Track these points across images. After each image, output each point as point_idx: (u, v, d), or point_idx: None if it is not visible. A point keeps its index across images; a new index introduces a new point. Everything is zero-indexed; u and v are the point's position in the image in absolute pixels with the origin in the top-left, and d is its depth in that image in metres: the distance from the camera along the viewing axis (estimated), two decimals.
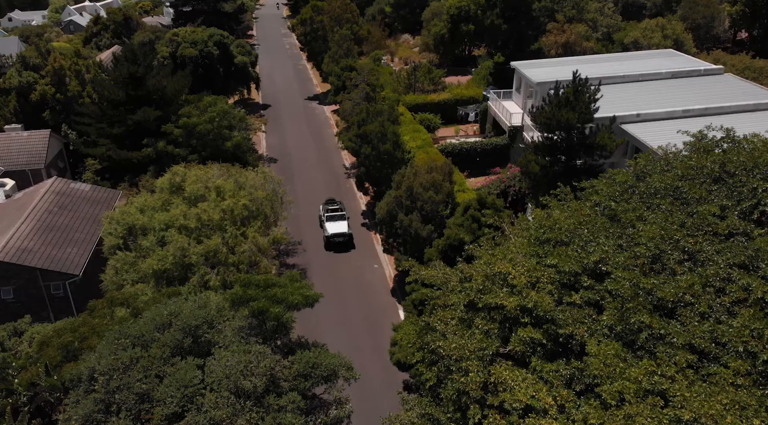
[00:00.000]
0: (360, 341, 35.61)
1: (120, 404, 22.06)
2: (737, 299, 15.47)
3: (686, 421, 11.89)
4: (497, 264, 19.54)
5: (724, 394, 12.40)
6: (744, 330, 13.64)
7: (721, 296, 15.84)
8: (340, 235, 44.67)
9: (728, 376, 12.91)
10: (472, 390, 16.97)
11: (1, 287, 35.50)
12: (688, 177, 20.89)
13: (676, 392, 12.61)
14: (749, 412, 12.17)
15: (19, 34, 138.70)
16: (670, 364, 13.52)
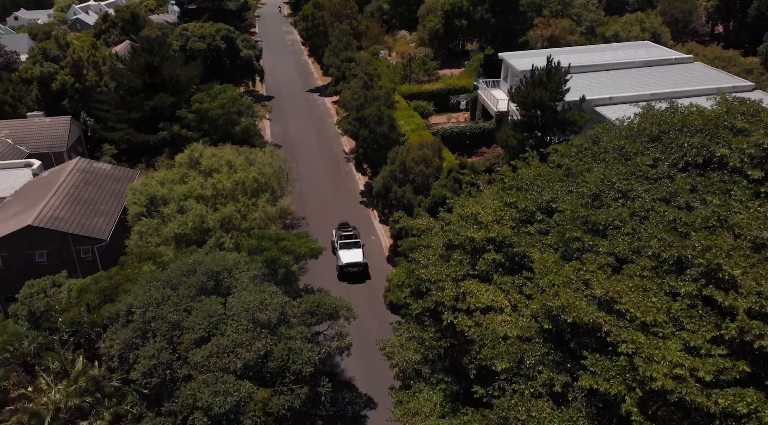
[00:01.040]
0: (359, 302, 39.63)
1: (155, 331, 26.18)
2: (656, 223, 19.59)
3: (599, 296, 15.95)
4: (470, 207, 23.68)
5: (631, 281, 16.49)
6: (652, 239, 17.73)
7: (644, 222, 19.97)
8: (355, 265, 41.29)
9: (637, 270, 17.00)
10: (447, 301, 21.07)
11: (36, 251, 39.55)
12: (631, 137, 25.03)
13: (594, 280, 16.68)
14: (650, 293, 16.26)
15: (28, 32, 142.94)
16: (594, 264, 17.61)
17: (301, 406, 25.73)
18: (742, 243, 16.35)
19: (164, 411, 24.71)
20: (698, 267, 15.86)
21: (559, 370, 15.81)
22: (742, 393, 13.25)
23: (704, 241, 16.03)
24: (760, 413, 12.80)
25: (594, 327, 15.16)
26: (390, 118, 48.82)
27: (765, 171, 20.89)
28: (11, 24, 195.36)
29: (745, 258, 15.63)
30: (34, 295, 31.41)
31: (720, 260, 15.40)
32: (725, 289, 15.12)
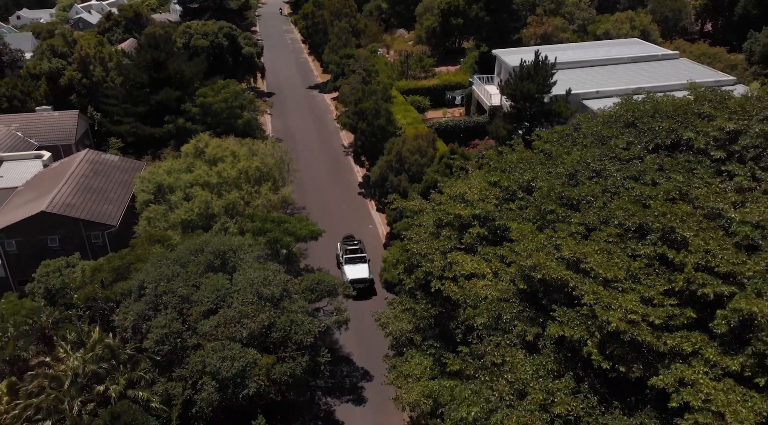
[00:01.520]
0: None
1: (166, 304, 28.15)
2: (625, 198, 21.55)
3: (567, 258, 17.90)
4: (458, 188, 25.69)
5: (597, 245, 18.45)
6: (618, 209, 19.69)
7: (614, 197, 21.94)
8: (361, 281, 39.45)
9: (603, 236, 18.96)
10: (436, 271, 23.04)
11: (48, 236, 41.44)
12: (608, 123, 27.02)
13: (564, 245, 18.63)
14: (613, 255, 18.22)
15: (31, 30, 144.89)
16: (565, 232, 19.57)
17: (302, 374, 27.69)
18: (697, 211, 18.31)
19: (175, 377, 26.66)
20: (656, 232, 17.81)
21: (532, 324, 17.75)
22: (688, 335, 15.17)
23: (661, 208, 17.98)
24: (703, 351, 14.72)
25: (562, 284, 17.09)
26: (387, 112, 50.78)
27: (727, 151, 22.88)
28: (14, 23, 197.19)
29: (697, 223, 17.58)
30: (50, 274, 33.39)
31: (674, 224, 17.36)
32: (677, 249, 17.08)
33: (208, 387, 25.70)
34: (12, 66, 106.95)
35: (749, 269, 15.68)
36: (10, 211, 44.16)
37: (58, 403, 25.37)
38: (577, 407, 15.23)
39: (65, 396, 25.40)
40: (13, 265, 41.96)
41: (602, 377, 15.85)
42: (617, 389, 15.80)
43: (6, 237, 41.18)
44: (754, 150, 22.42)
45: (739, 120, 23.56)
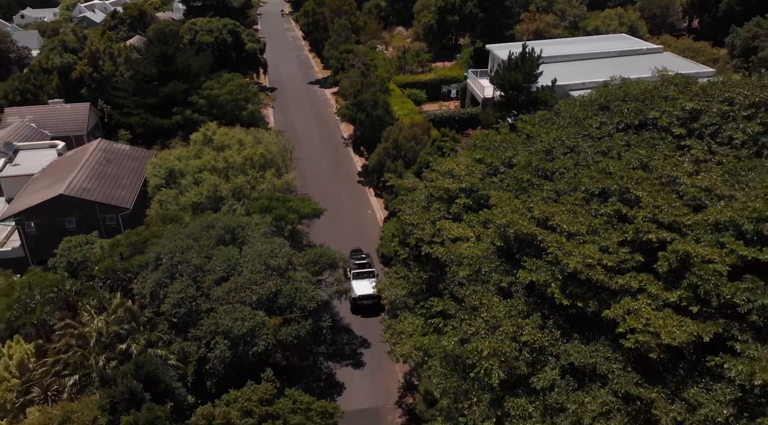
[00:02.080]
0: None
1: (181, 272, 30.80)
2: (593, 169, 24.16)
3: (537, 217, 20.51)
4: (446, 165, 28.32)
5: (564, 207, 21.07)
6: (585, 177, 22.31)
7: (584, 169, 24.54)
8: (368, 298, 37.99)
9: (570, 200, 21.58)
10: (426, 237, 25.64)
11: (66, 218, 44.05)
12: (584, 106, 29.64)
13: (535, 206, 21.24)
14: (579, 216, 20.82)
15: (37, 29, 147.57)
16: (537, 197, 22.20)
17: (306, 335, 30.33)
18: (651, 176, 20.94)
19: (190, 337, 29.27)
20: (615, 194, 20.43)
21: (507, 275, 20.34)
22: (636, 275, 17.72)
23: (619, 173, 20.60)
24: (647, 287, 17.27)
25: (531, 238, 19.66)
26: (385, 103, 53.40)
27: (687, 129, 25.52)
28: (17, 22, 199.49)
29: (650, 186, 20.19)
30: (72, 249, 36.02)
31: (629, 185, 19.96)
32: (631, 206, 19.69)
33: (221, 345, 28.31)
34: (19, 63, 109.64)
35: (689, 220, 18.26)
36: (28, 195, 46.78)
37: (84, 360, 28.02)
38: (542, 338, 17.78)
39: (90, 353, 28.04)
40: (33, 246, 44.58)
41: (564, 314, 18.41)
42: (577, 324, 18.36)
43: (26, 219, 43.83)
44: (711, 127, 25.06)
45: (700, 101, 26.22)
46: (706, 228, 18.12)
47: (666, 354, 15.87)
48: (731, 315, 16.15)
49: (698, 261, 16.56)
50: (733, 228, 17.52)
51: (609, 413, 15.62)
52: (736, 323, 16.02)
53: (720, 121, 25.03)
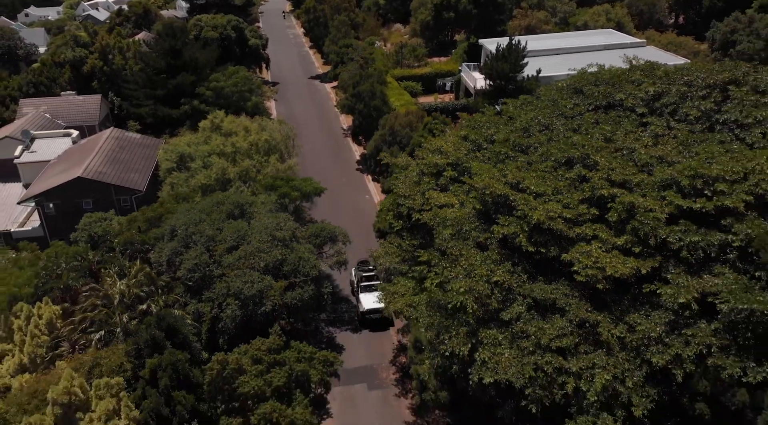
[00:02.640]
0: (355, 244, 47.21)
1: (195, 241, 33.84)
2: (562, 142, 27.21)
3: (510, 181, 23.55)
4: (436, 143, 31.37)
5: (536, 173, 24.10)
6: (554, 149, 25.35)
7: (556, 143, 27.56)
8: (377, 312, 37.01)
9: (541, 168, 24.62)
10: (416, 206, 28.66)
11: (83, 199, 47.06)
12: (561, 90, 32.69)
13: (509, 172, 24.28)
14: (546, 180, 23.84)
15: (42, 26, 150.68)
16: (512, 166, 25.24)
17: (308, 299, 33.37)
18: (610, 146, 23.99)
19: (204, 299, 32.28)
20: (579, 161, 23.47)
21: (484, 232, 23.37)
22: (591, 225, 20.71)
23: (581, 142, 23.64)
24: (600, 234, 20.26)
25: (504, 199, 22.68)
26: (382, 94, 56.46)
27: (650, 108, 28.57)
28: (22, 21, 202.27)
29: (608, 153, 23.24)
30: (92, 224, 39.06)
31: (589, 152, 22.99)
32: (591, 170, 22.72)
33: (232, 305, 31.35)
34: (26, 59, 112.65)
35: (637, 179, 21.26)
36: (46, 179, 49.82)
37: (108, 318, 31.08)
38: (511, 280, 20.74)
39: (114, 312, 31.10)
40: (51, 226, 47.59)
41: (531, 261, 21.40)
42: (541, 268, 21.33)
43: (45, 200, 46.88)
44: (671, 106, 28.10)
45: (662, 84, 29.29)
46: (653, 186, 21.15)
47: (612, 285, 18.87)
48: (667, 253, 19.15)
49: (641, 210, 19.56)
50: (675, 185, 20.54)
51: (563, 335, 18.60)
52: (670, 259, 19.02)
53: (678, 100, 28.07)
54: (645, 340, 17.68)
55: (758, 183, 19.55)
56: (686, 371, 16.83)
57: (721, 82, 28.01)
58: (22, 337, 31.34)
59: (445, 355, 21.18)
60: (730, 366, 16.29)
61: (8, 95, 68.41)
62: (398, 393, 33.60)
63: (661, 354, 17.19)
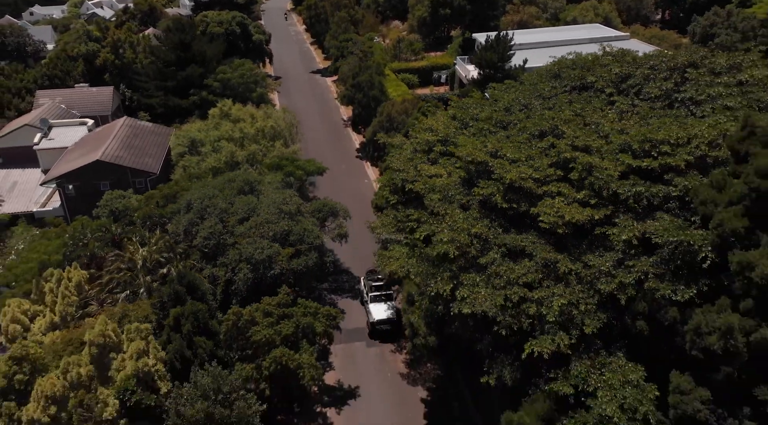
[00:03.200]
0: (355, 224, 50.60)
1: (210, 213, 37.23)
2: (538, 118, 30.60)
3: (490, 150, 26.93)
4: (428, 122, 34.77)
5: (513, 143, 27.50)
6: (530, 123, 28.74)
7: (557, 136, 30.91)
8: (387, 322, 37.39)
9: (518, 139, 28.00)
10: (409, 177, 32.00)
11: (101, 181, 50.44)
12: (541, 75, 36.09)
13: (489, 143, 27.68)
14: (521, 148, 27.22)
15: (48, 24, 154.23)
16: (494, 139, 28.63)
17: (313, 266, 36.73)
18: (577, 118, 27.41)
19: (218, 264, 35.65)
20: (549, 132, 26.88)
21: (467, 195, 26.77)
22: (557, 184, 24.09)
23: (550, 114, 27.07)
24: (563, 191, 23.63)
25: (484, 165, 26.08)
26: (380, 84, 59.88)
27: (617, 89, 31.96)
28: (27, 19, 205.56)
29: (575, 125, 26.63)
30: (113, 200, 42.48)
31: (558, 123, 26.39)
32: (558, 138, 26.13)
33: (244, 269, 34.70)
34: (35, 56, 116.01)
35: (597, 144, 24.67)
36: (65, 163, 53.27)
37: (132, 279, 34.51)
38: (488, 232, 24.10)
39: (138, 274, 34.53)
40: (71, 206, 50.99)
41: (505, 216, 24.79)
42: (514, 222, 24.69)
43: (66, 182, 50.33)
44: (636, 87, 31.49)
45: (629, 67, 32.69)
46: (610, 150, 24.57)
47: (571, 230, 22.23)
48: (618, 204, 22.54)
49: (598, 168, 22.94)
50: (628, 148, 23.93)
51: (529, 273, 21.95)
52: (620, 208, 22.38)
53: (643, 82, 31.44)
54: (597, 274, 21.01)
55: (698, 146, 22.91)
56: (628, 295, 20.16)
57: (681, 65, 31.40)
58: (53, 298, 34.71)
59: (431, 296, 24.60)
60: (662, 288, 19.59)
61: (24, 87, 71.90)
62: (393, 349, 37.11)
63: (608, 283, 20.52)
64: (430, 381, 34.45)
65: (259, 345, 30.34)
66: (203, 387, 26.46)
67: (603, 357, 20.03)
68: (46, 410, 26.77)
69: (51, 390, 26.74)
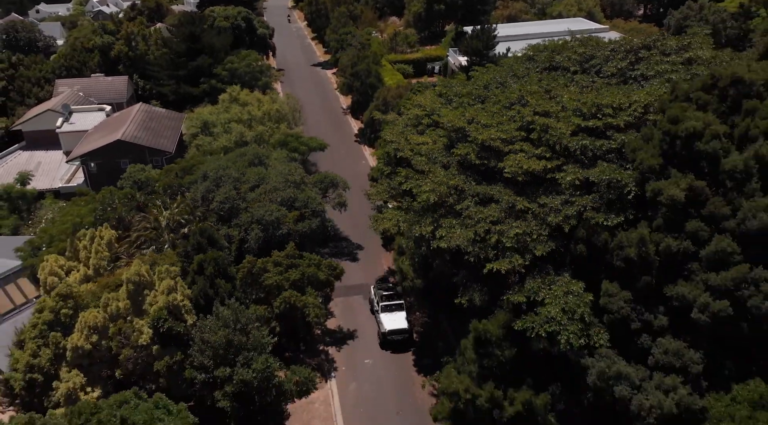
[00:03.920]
0: (353, 199, 55.32)
1: (224, 182, 41.96)
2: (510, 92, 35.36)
3: (468, 117, 31.67)
4: (417, 99, 39.54)
5: (488, 112, 32.25)
6: (502, 96, 33.50)
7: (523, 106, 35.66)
8: (399, 332, 36.81)
9: (492, 110, 32.75)
10: (400, 146, 36.78)
11: (121, 159, 55.19)
12: (518, 59, 40.86)
13: (467, 112, 32.42)
14: (493, 117, 31.95)
15: (55, 21, 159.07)
16: (472, 110, 33.38)
17: (316, 228, 41.46)
18: (541, 91, 32.19)
19: (233, 225, 40.37)
20: (517, 103, 31.66)
21: (447, 157, 31.54)
22: (520, 143, 28.79)
23: (517, 87, 31.86)
24: (525, 148, 28.37)
25: (462, 130, 30.82)
26: (377, 73, 64.62)
27: (581, 68, 36.72)
28: (33, 17, 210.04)
29: (539, 96, 31.41)
30: (136, 172, 47.23)
31: (524, 94, 31.15)
32: (524, 106, 30.92)
33: (255, 229, 39.43)
34: (46, 51, 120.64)
35: (554, 110, 29.43)
36: (88, 143, 58.02)
37: (157, 237, 39.26)
38: (464, 184, 28.84)
39: (162, 233, 39.27)
40: (94, 182, 55.73)
41: (478, 172, 29.56)
42: (485, 176, 29.46)
43: (90, 159, 55.09)
44: (597, 66, 36.27)
45: (592, 50, 37.47)
46: (566, 115, 29.36)
47: (529, 178, 26.99)
48: (568, 157, 27.30)
49: (553, 128, 27.73)
50: (579, 112, 28.71)
51: (495, 213, 26.70)
52: (570, 160, 27.13)
53: (603, 62, 36.23)
54: (548, 211, 25.70)
55: (636, 109, 27.69)
56: (571, 225, 24.83)
57: (637, 47, 36.21)
58: (87, 255, 39.40)
59: (416, 238, 29.37)
60: (597, 217, 24.22)
61: (42, 77, 76.60)
62: None
63: (556, 216, 25.21)
64: (419, 326, 39.21)
65: (271, 289, 35.09)
66: (224, 318, 31.22)
67: (552, 276, 24.74)
68: (89, 338, 31.54)
69: (93, 321, 31.51)
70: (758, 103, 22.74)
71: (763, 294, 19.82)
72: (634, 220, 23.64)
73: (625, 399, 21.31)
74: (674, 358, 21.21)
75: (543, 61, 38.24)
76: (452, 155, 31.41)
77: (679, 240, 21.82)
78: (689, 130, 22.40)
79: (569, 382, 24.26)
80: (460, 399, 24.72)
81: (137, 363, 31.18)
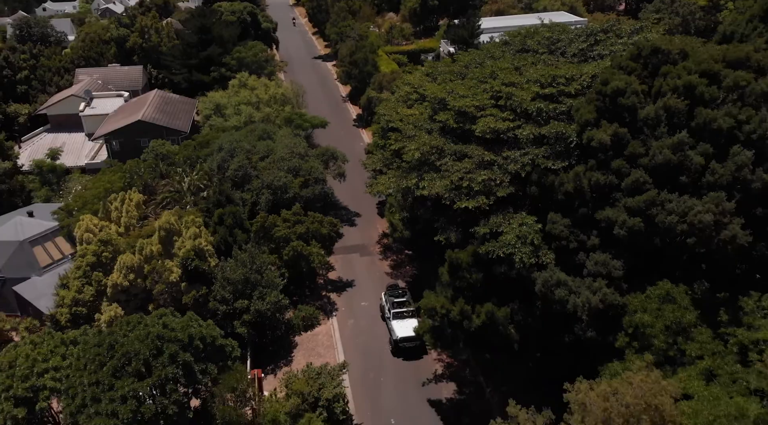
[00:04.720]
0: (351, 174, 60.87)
1: (237, 153, 47.64)
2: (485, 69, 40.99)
3: (447, 89, 37.33)
4: (406, 78, 45.23)
5: (465, 85, 37.91)
6: (478, 72, 39.17)
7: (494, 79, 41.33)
8: (411, 340, 36.05)
9: (469, 84, 38.39)
10: (392, 118, 42.44)
11: (141, 138, 60.87)
12: (496, 44, 46.54)
13: (447, 86, 38.09)
14: (470, 89, 37.62)
15: (65, 17, 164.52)
16: (452, 85, 39.06)
17: (318, 193, 47.13)
18: (510, 67, 37.89)
19: (245, 190, 46.04)
20: (489, 77, 37.35)
21: (431, 124, 37.25)
22: (491, 109, 34.45)
23: (493, 64, 37.62)
24: (494, 113, 34.09)
25: (443, 101, 36.49)
26: (374, 61, 70.26)
27: (548, 50, 42.39)
28: (40, 14, 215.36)
29: (508, 71, 37.09)
30: (158, 146, 52.94)
31: (496, 70, 36.86)
32: (494, 79, 36.62)
33: (266, 193, 45.10)
34: (58, 45, 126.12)
35: (518, 81, 35.12)
36: (109, 125, 63.69)
37: (180, 198, 44.94)
38: (444, 145, 34.48)
39: (184, 195, 44.96)
40: (116, 159, 61.34)
41: (455, 134, 35.21)
42: (461, 138, 35.09)
43: (113, 138, 60.79)
44: (562, 48, 41.94)
45: (559, 34, 43.14)
46: (528, 85, 35.02)
47: (495, 136, 32.62)
48: (527, 118, 32.99)
49: (516, 95, 33.44)
50: (539, 82, 34.40)
51: (467, 166, 32.36)
52: (529, 121, 32.78)
53: (567, 44, 41.90)
54: (509, 161, 31.39)
55: (584, 79, 33.39)
56: (526, 171, 30.44)
57: (596, 31, 41.90)
58: (118, 215, 45.09)
59: (402, 189, 35.07)
60: (546, 163, 29.87)
61: (62, 67, 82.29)
62: (381, 258, 47.63)
63: (515, 165, 30.84)
64: (408, 277, 44.92)
65: (280, 240, 40.78)
66: (242, 259, 36.94)
67: (511, 214, 30.38)
68: (127, 277, 37.23)
69: (130, 262, 37.20)
70: (672, 67, 28.33)
71: (666, 211, 25.35)
72: (577, 165, 29.27)
73: (563, 300, 26.87)
74: (601, 267, 26.76)
75: (516, 45, 43.88)
76: (435, 122, 37.06)
77: (606, 176, 27.41)
78: (614, 88, 28.04)
79: (525, 299, 29.84)
80: (437, 314, 30.37)
81: (168, 296, 36.89)
